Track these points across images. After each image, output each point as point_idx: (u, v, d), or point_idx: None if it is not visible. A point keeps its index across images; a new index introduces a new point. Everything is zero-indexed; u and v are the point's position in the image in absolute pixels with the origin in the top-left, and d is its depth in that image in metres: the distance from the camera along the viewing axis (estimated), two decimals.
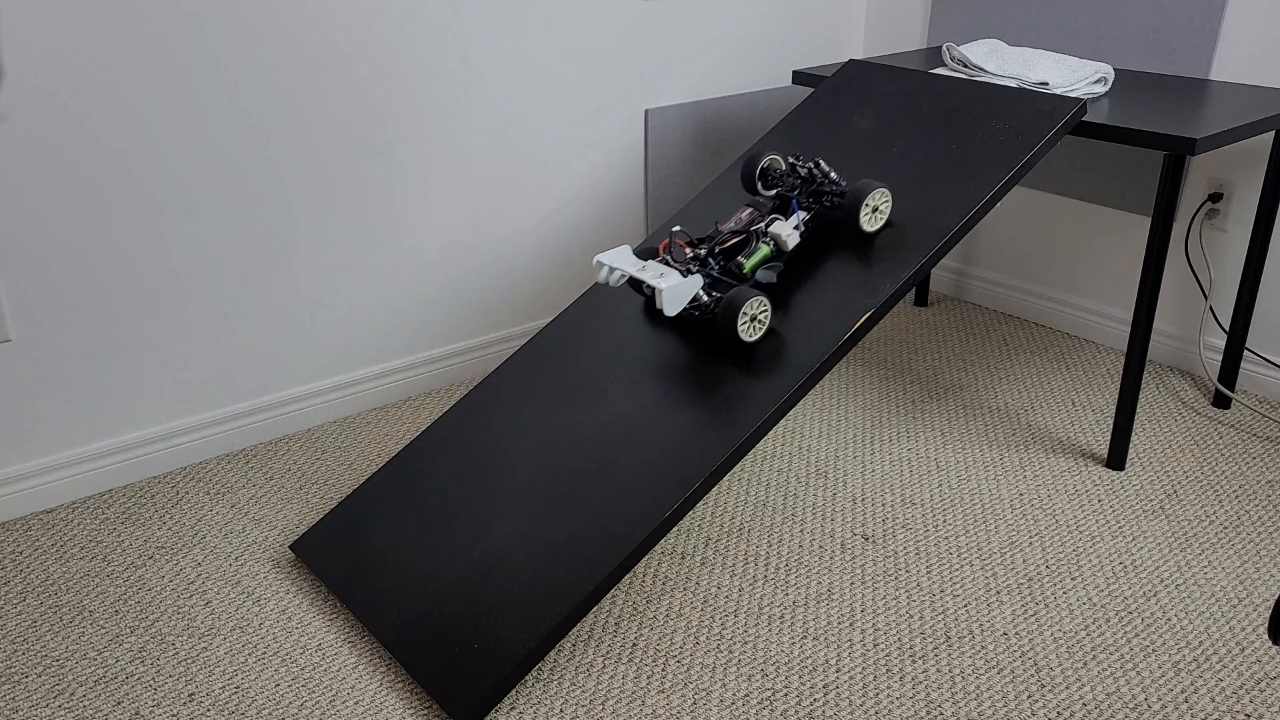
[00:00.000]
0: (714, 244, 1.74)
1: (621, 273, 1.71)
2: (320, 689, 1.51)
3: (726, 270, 1.74)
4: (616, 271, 1.71)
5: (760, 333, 1.68)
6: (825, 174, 1.81)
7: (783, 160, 1.83)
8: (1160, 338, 2.46)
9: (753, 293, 1.66)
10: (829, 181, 1.80)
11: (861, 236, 1.77)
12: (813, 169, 1.81)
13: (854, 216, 1.75)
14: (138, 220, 1.88)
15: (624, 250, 1.75)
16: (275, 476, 2.03)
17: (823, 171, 1.81)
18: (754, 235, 1.75)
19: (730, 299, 1.65)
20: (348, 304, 2.18)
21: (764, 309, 1.67)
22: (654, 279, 1.65)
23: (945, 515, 1.90)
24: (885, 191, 1.76)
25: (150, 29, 1.79)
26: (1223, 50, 2.20)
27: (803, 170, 1.82)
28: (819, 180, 1.81)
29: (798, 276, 1.76)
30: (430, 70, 2.12)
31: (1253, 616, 1.65)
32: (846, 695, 1.49)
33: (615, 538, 1.52)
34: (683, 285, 1.64)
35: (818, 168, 1.81)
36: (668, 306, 1.63)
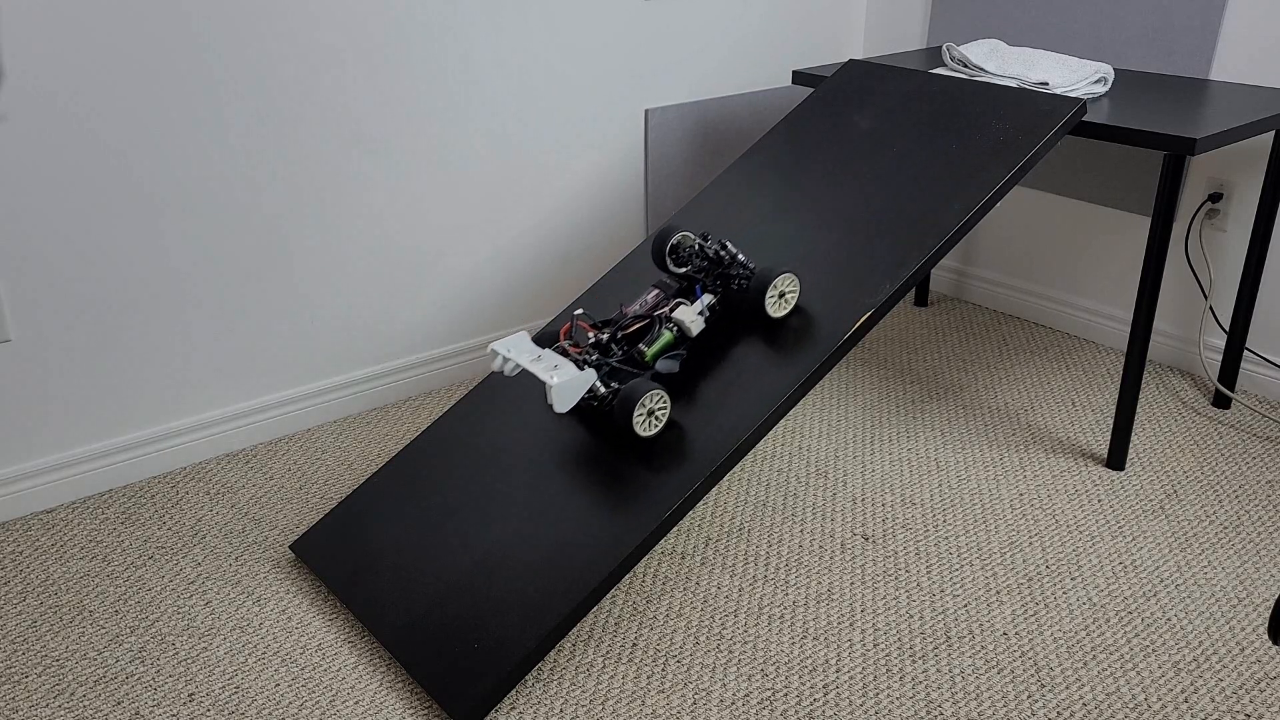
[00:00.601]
0: (616, 329, 1.67)
1: (515, 364, 1.62)
2: (320, 689, 1.51)
3: (628, 357, 1.66)
4: (510, 362, 1.62)
5: (658, 427, 1.61)
6: (733, 256, 1.73)
7: (693, 238, 1.75)
8: (1160, 338, 2.46)
9: (650, 386, 1.59)
10: (736, 264, 1.73)
11: (770, 322, 1.70)
12: (719, 251, 1.73)
13: (759, 302, 1.68)
14: (138, 220, 1.88)
15: (521, 337, 1.67)
16: (275, 476, 2.03)
17: (730, 253, 1.73)
18: (657, 320, 1.68)
19: (626, 393, 1.58)
20: (347, 304, 2.18)
21: (662, 403, 1.60)
22: (545, 373, 1.57)
23: (945, 515, 1.90)
24: (792, 277, 1.69)
25: (150, 29, 1.79)
26: (1223, 50, 2.20)
27: (710, 251, 1.73)
28: (726, 262, 1.73)
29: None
30: (430, 70, 2.12)
31: (1253, 616, 1.65)
32: (846, 695, 1.49)
33: (615, 538, 1.52)
34: (574, 382, 1.56)
35: (725, 249, 1.73)
36: (557, 404, 1.55)
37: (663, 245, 1.74)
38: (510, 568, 1.55)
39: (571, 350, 1.64)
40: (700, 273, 1.75)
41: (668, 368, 1.66)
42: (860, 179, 1.90)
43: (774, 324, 1.70)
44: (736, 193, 2.00)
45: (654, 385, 1.60)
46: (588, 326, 1.68)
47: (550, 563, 1.53)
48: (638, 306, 1.71)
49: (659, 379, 1.69)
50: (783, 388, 1.60)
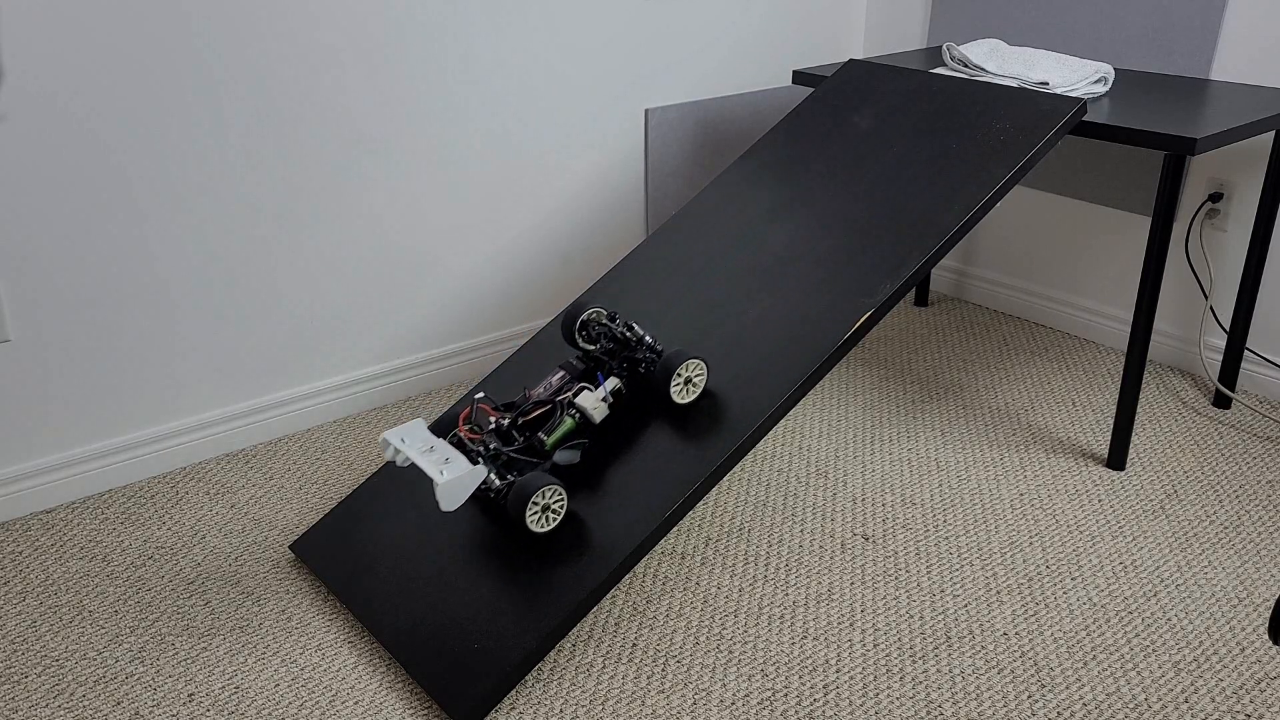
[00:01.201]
0: (518, 414, 1.61)
1: (405, 456, 1.55)
2: (320, 689, 1.51)
3: (529, 445, 1.60)
4: (402, 454, 1.55)
5: (554, 523, 1.55)
6: (639, 338, 1.68)
7: (603, 315, 1.71)
8: (1160, 338, 2.46)
9: (546, 480, 1.52)
10: (643, 346, 1.67)
11: (676, 408, 1.65)
12: (625, 332, 1.69)
13: (664, 387, 1.62)
14: (137, 220, 1.88)
15: (417, 425, 1.60)
16: (275, 476, 2.03)
17: (636, 336, 1.68)
18: (559, 406, 1.63)
19: (520, 487, 1.51)
20: (347, 304, 2.18)
21: (558, 498, 1.54)
22: (434, 469, 1.49)
23: (945, 515, 1.90)
24: (699, 363, 1.64)
25: (150, 30, 1.79)
26: (1223, 50, 2.20)
27: (617, 332, 1.69)
28: (633, 345, 1.68)
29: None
30: (430, 70, 2.12)
31: (1253, 616, 1.65)
32: (846, 695, 1.49)
33: (615, 538, 1.52)
34: (462, 479, 1.48)
35: (631, 331, 1.68)
36: (443, 503, 1.47)
37: (572, 322, 1.72)
38: (510, 568, 1.55)
39: (468, 438, 1.59)
40: (607, 354, 1.70)
41: (567, 459, 1.59)
42: (860, 179, 1.90)
43: (681, 410, 1.64)
44: (736, 193, 2.00)
45: (550, 479, 1.53)
46: (489, 410, 1.62)
47: (550, 563, 1.53)
48: (541, 390, 1.67)
49: (557, 471, 1.63)
50: (783, 387, 1.60)
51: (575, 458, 1.60)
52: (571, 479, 1.63)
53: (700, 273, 1.87)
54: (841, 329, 1.64)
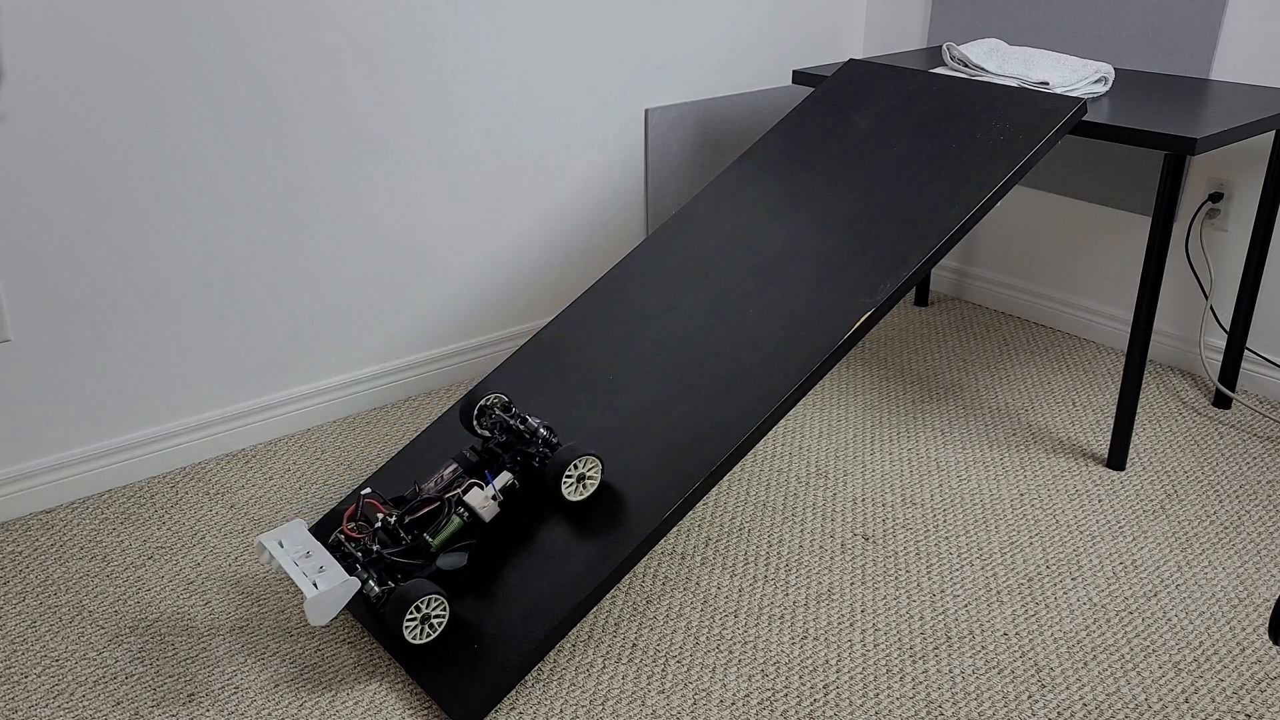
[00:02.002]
0: (405, 511, 1.56)
1: (279, 563, 1.50)
2: (320, 689, 1.51)
3: (415, 545, 1.54)
4: (275, 561, 1.50)
5: (435, 632, 1.49)
6: (533, 431, 1.63)
7: (500, 402, 1.68)
8: (1160, 338, 2.46)
9: (426, 589, 1.46)
10: (537, 440, 1.63)
11: (570, 506, 1.59)
12: (520, 426, 1.64)
13: (555, 485, 1.55)
14: (137, 220, 1.88)
15: (297, 526, 1.55)
16: (275, 476, 2.03)
17: (529, 428, 1.64)
18: (447, 504, 1.57)
19: (398, 597, 1.45)
20: (347, 304, 2.18)
21: (440, 608, 1.48)
22: (305, 581, 1.44)
23: (945, 515, 1.90)
24: (594, 460, 1.57)
25: (149, 30, 1.79)
26: (1223, 50, 2.20)
27: (511, 424, 1.65)
28: (527, 437, 1.64)
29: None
30: (430, 70, 2.12)
31: (1253, 616, 1.65)
32: (846, 695, 1.49)
33: (615, 538, 1.52)
34: (333, 593, 1.42)
35: (525, 424, 1.64)
36: (312, 618, 1.42)
37: (470, 409, 1.68)
38: (510, 568, 1.55)
39: (350, 538, 1.54)
40: (500, 447, 1.66)
41: (452, 564, 1.53)
42: (860, 179, 1.90)
43: (576, 508, 1.58)
44: (736, 193, 2.00)
45: (431, 587, 1.46)
46: (378, 505, 1.56)
47: (550, 563, 1.53)
48: (432, 484, 1.61)
49: (441, 576, 1.56)
50: (783, 387, 1.59)
51: (461, 561, 1.53)
52: (458, 582, 1.56)
53: (700, 273, 1.87)
54: (841, 329, 1.64)
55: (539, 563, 1.53)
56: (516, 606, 1.50)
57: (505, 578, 1.53)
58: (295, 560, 1.49)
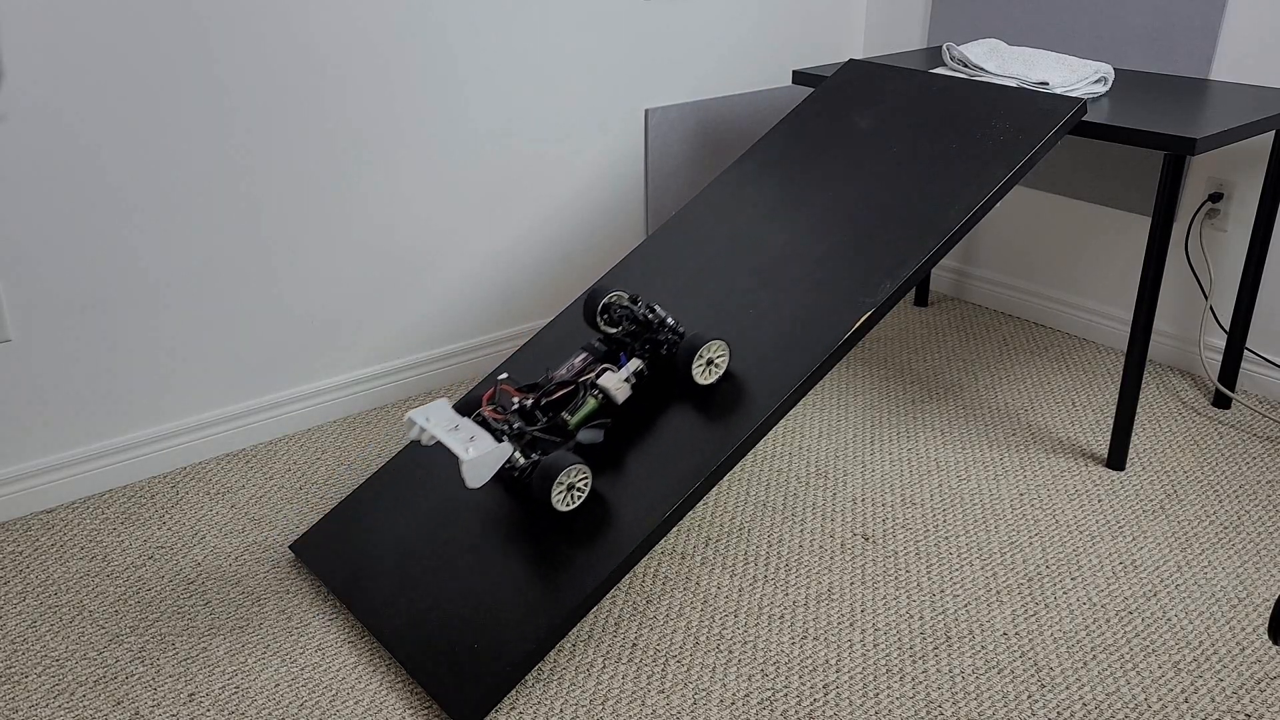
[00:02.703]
0: (541, 395, 1.62)
1: (430, 435, 1.55)
2: (320, 689, 1.51)
3: (552, 425, 1.61)
4: (427, 432, 1.56)
5: (579, 501, 1.56)
6: (661, 320, 1.69)
7: (625, 297, 1.72)
8: (1160, 338, 2.46)
9: (570, 460, 1.53)
10: (665, 329, 1.69)
11: (698, 389, 1.65)
12: (648, 314, 1.69)
13: (686, 369, 1.63)
14: (138, 221, 1.88)
15: (441, 405, 1.61)
16: (275, 476, 2.03)
17: (658, 317, 1.69)
18: (582, 387, 1.64)
19: (545, 466, 1.52)
20: (348, 304, 2.18)
21: (583, 476, 1.55)
22: (460, 446, 1.50)
23: (945, 515, 1.90)
24: (721, 344, 1.64)
25: (150, 33, 1.79)
26: (1223, 50, 2.20)
27: (639, 314, 1.70)
28: (655, 326, 1.69)
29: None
30: (431, 70, 2.12)
31: (1253, 616, 1.65)
32: (846, 695, 1.49)
33: (615, 538, 1.52)
34: (487, 457, 1.49)
35: (653, 313, 1.69)
36: (469, 480, 1.49)
37: (594, 305, 1.72)
38: (510, 568, 1.55)
39: (493, 418, 1.58)
40: (629, 336, 1.71)
41: (590, 438, 1.59)
42: (860, 179, 1.90)
43: (703, 391, 1.64)
44: (736, 193, 2.00)
45: (575, 458, 1.54)
46: (513, 391, 1.62)
47: (550, 563, 1.53)
48: (564, 371, 1.67)
49: (581, 450, 1.63)
50: (783, 387, 1.60)
51: (599, 437, 1.60)
52: (593, 459, 1.63)
53: (700, 273, 1.87)
54: (841, 329, 1.64)
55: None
56: (517, 606, 1.50)
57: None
58: (445, 431, 1.54)
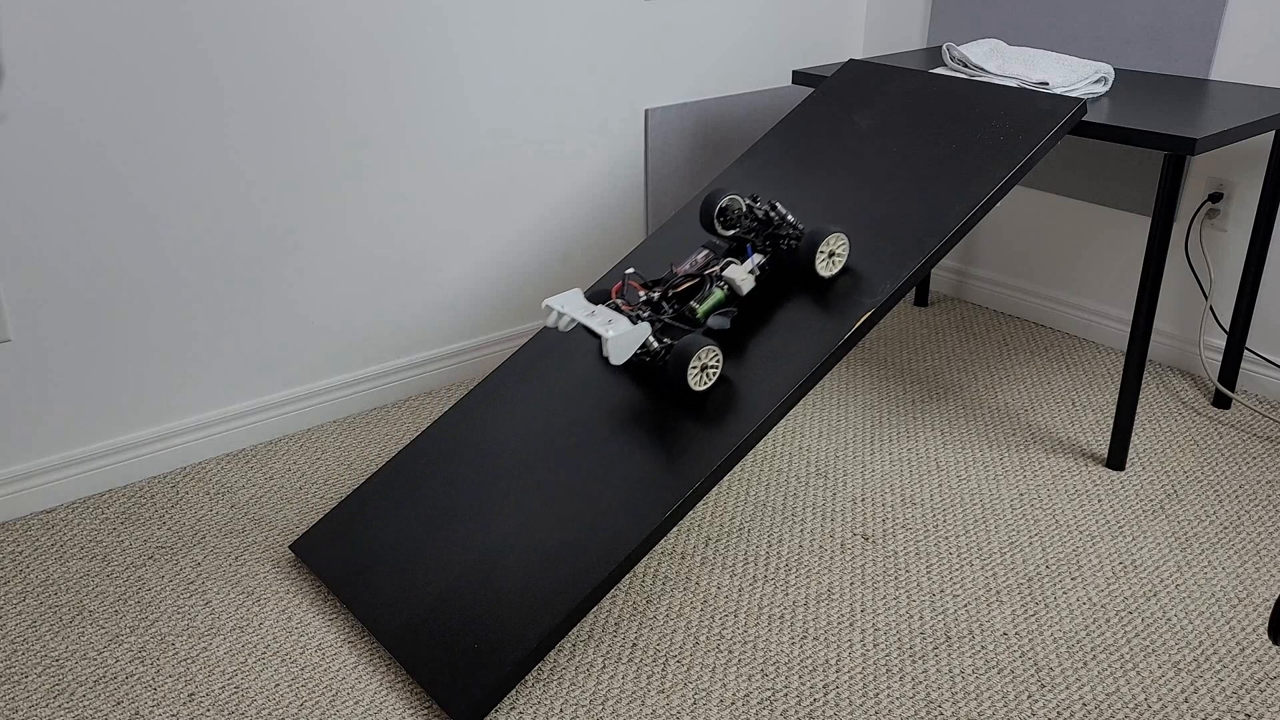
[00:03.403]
0: (668, 287, 1.69)
1: (570, 318, 1.64)
2: (320, 689, 1.51)
3: (680, 315, 1.69)
4: (565, 317, 1.64)
5: (711, 381, 1.63)
6: (783, 217, 1.75)
7: (742, 200, 1.77)
8: (1160, 338, 2.46)
9: (704, 341, 1.61)
10: (786, 225, 1.75)
11: (819, 281, 1.73)
12: (769, 211, 1.75)
13: (809, 261, 1.70)
14: (138, 220, 1.88)
15: (574, 294, 1.69)
16: (275, 476, 2.03)
17: (780, 214, 1.75)
18: (708, 279, 1.70)
19: (681, 347, 1.60)
20: (348, 304, 2.18)
21: (715, 357, 1.62)
22: (601, 326, 1.59)
23: (945, 515, 1.90)
24: (843, 236, 1.71)
25: (151, 32, 1.79)
26: (1223, 50, 2.20)
27: (759, 212, 1.76)
28: (776, 223, 1.75)
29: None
30: (431, 70, 2.12)
31: (1253, 616, 1.65)
32: (846, 695, 1.49)
33: (615, 538, 1.52)
34: (630, 334, 1.58)
35: (774, 210, 1.75)
36: (613, 355, 1.57)
37: (711, 208, 1.76)
38: (510, 568, 1.55)
39: (623, 308, 1.66)
40: (749, 233, 1.77)
41: (719, 324, 1.67)
42: (860, 179, 1.90)
43: (822, 284, 1.72)
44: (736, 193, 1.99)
45: (707, 340, 1.62)
46: (638, 286, 1.70)
47: (550, 563, 1.53)
48: (688, 266, 1.74)
49: (710, 335, 1.71)
50: (783, 387, 1.60)
51: (726, 324, 1.67)
52: (723, 343, 1.71)
53: None
54: (841, 329, 1.64)
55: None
56: (516, 606, 1.50)
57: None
58: (584, 316, 1.63)
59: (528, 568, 1.54)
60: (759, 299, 1.76)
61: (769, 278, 1.78)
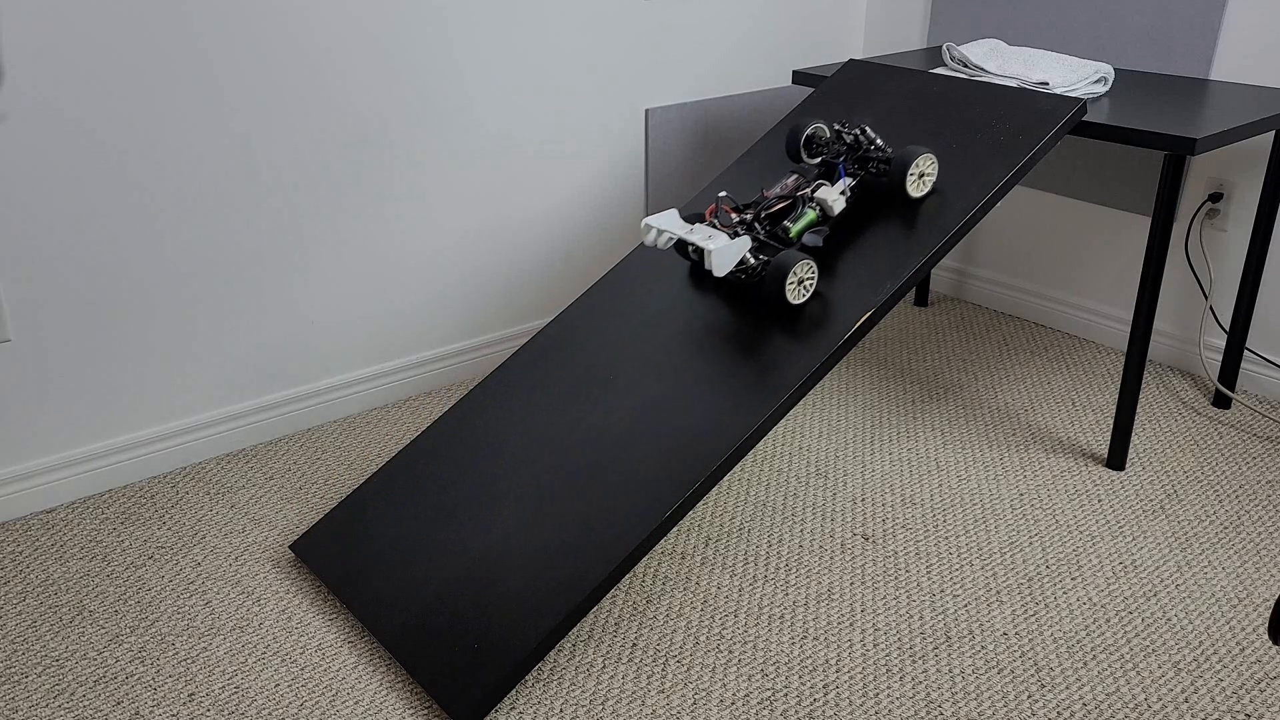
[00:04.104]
0: (760, 209, 1.76)
1: (670, 235, 1.72)
2: (320, 689, 1.51)
3: (773, 234, 1.76)
4: (664, 234, 1.73)
5: (807, 295, 1.70)
6: (871, 140, 1.82)
7: (827, 128, 1.84)
8: (1160, 338, 2.46)
9: (800, 256, 1.67)
10: (875, 148, 1.82)
11: (906, 202, 1.79)
12: (859, 135, 1.82)
13: (900, 182, 1.76)
14: (138, 220, 1.88)
15: (672, 214, 1.77)
16: (275, 476, 2.03)
17: (869, 138, 1.82)
18: (800, 200, 1.77)
19: (779, 261, 1.67)
20: (348, 304, 2.18)
21: (811, 272, 1.69)
22: (703, 240, 1.67)
23: (945, 515, 1.90)
24: (932, 157, 1.78)
25: (151, 30, 1.79)
26: (1223, 50, 2.20)
27: (848, 137, 1.83)
28: (865, 147, 1.82)
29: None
30: (431, 70, 2.12)
31: (1253, 616, 1.65)
32: (846, 695, 1.49)
33: (615, 538, 1.52)
34: (731, 246, 1.66)
35: (864, 134, 1.82)
36: (717, 267, 1.65)
37: (797, 138, 1.82)
38: (510, 568, 1.55)
39: (720, 227, 1.72)
40: (837, 158, 1.83)
41: (813, 241, 1.73)
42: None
43: (913, 204, 1.78)
44: (737, 192, 1.99)
45: (804, 255, 1.68)
46: (730, 209, 1.75)
47: (550, 563, 1.53)
48: (779, 189, 1.78)
49: (806, 251, 1.76)
50: (783, 387, 1.60)
51: (819, 241, 1.74)
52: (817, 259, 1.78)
53: (700, 272, 1.87)
54: (841, 329, 1.64)
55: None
56: (516, 606, 1.50)
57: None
58: (685, 232, 1.71)
59: (528, 568, 1.54)
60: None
61: (857, 201, 1.85)
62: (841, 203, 1.76)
